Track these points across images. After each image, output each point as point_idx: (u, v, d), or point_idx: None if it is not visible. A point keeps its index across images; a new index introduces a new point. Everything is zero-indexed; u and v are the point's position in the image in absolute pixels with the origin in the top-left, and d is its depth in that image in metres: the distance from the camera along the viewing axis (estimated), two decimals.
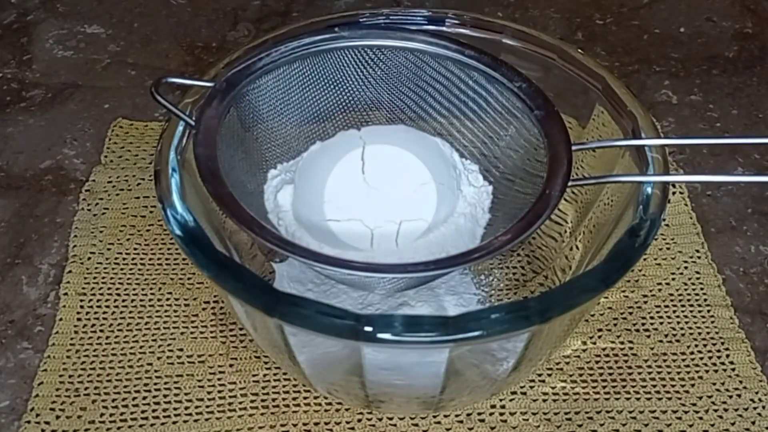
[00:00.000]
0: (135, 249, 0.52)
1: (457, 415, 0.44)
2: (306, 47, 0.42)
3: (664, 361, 0.46)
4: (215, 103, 0.39)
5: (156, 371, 0.45)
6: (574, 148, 0.37)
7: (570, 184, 0.36)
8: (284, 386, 0.45)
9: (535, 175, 0.38)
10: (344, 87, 0.44)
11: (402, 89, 0.44)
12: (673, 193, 0.55)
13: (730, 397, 0.45)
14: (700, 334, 0.48)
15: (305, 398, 0.44)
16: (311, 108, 0.44)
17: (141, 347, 0.46)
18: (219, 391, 0.44)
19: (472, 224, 0.41)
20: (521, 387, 0.45)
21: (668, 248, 0.52)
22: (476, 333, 0.30)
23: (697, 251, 0.52)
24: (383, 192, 0.40)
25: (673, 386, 0.45)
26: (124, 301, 0.49)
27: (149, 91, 0.38)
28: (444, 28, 0.44)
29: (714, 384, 0.45)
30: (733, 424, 0.43)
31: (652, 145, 0.37)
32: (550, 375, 0.45)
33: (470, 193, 0.42)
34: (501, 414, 0.44)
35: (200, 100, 0.40)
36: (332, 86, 0.43)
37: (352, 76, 0.43)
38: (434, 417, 0.43)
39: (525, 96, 0.40)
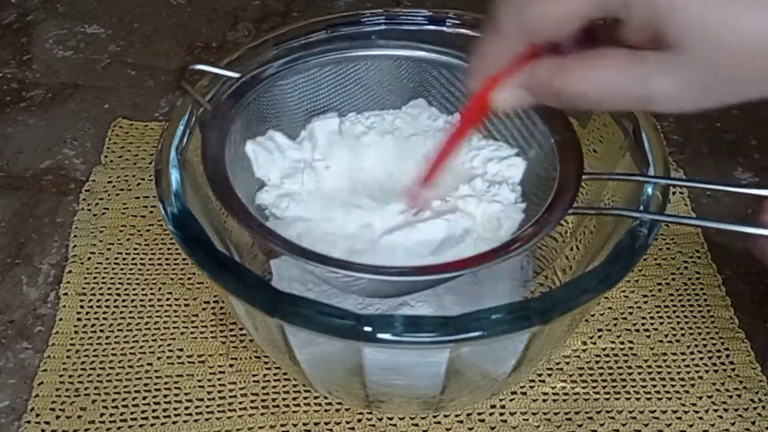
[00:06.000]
0: (135, 249, 0.52)
1: (457, 415, 0.44)
2: (341, 51, 0.42)
3: (664, 361, 0.46)
4: (237, 94, 0.39)
5: (156, 371, 0.45)
6: (584, 177, 0.37)
7: (570, 212, 0.35)
8: (284, 386, 0.45)
9: (539, 195, 0.38)
10: (373, 95, 0.43)
11: (432, 101, 0.43)
12: (673, 193, 0.55)
13: (730, 397, 0.45)
14: (700, 334, 0.48)
15: (305, 398, 0.44)
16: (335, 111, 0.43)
17: (141, 347, 0.46)
18: (219, 391, 0.44)
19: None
20: (521, 387, 0.45)
21: (668, 248, 0.52)
22: (477, 333, 0.30)
23: (697, 251, 0.52)
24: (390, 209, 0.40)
25: (673, 386, 0.45)
26: (124, 301, 0.49)
27: (175, 76, 0.38)
28: (444, 29, 0.44)
29: (714, 384, 0.45)
30: (733, 424, 0.43)
31: (658, 182, 0.37)
32: (550, 375, 0.45)
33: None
34: (501, 414, 0.44)
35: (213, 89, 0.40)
36: (362, 92, 0.43)
37: (382, 84, 0.43)
38: (434, 417, 0.43)
39: (547, 119, 0.39)
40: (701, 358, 0.46)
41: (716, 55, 0.26)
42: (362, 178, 0.41)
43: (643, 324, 0.48)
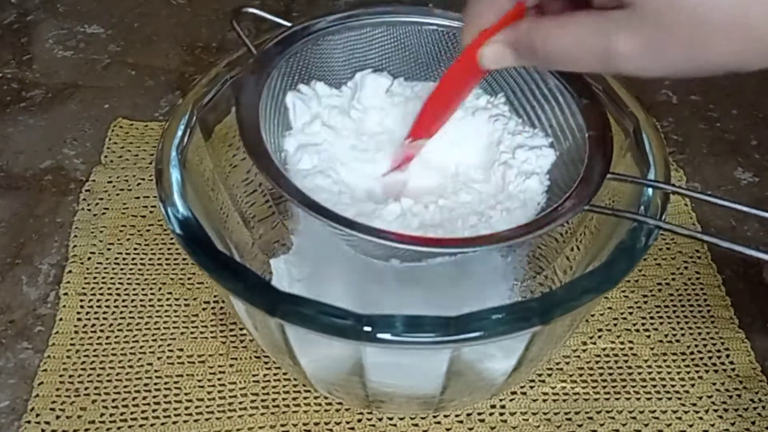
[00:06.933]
0: (135, 249, 0.52)
1: (457, 415, 0.44)
2: (395, 15, 0.42)
3: (664, 361, 0.46)
4: (285, 42, 0.40)
5: (156, 371, 0.45)
6: (608, 177, 0.36)
7: (586, 208, 0.35)
8: (284, 386, 0.45)
9: (560, 187, 0.38)
10: (422, 64, 0.43)
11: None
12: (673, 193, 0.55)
13: (730, 397, 0.45)
14: (700, 334, 0.48)
15: (305, 398, 0.44)
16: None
17: (141, 347, 0.46)
18: (219, 391, 0.44)
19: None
20: (521, 387, 0.45)
21: (668, 248, 0.52)
22: (477, 333, 0.30)
23: (697, 251, 0.52)
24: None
25: (673, 386, 0.45)
26: (124, 301, 0.49)
27: (229, 21, 0.39)
28: None
29: (714, 384, 0.45)
30: (733, 424, 0.43)
31: (671, 190, 0.36)
32: (550, 375, 0.45)
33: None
34: (501, 414, 0.44)
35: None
36: (411, 59, 0.43)
37: (432, 54, 0.43)
38: (434, 417, 0.43)
39: (586, 114, 0.38)
40: (701, 358, 0.46)
41: (666, 13, 0.26)
42: (390, 140, 0.41)
43: (643, 324, 0.48)
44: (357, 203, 0.37)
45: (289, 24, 0.40)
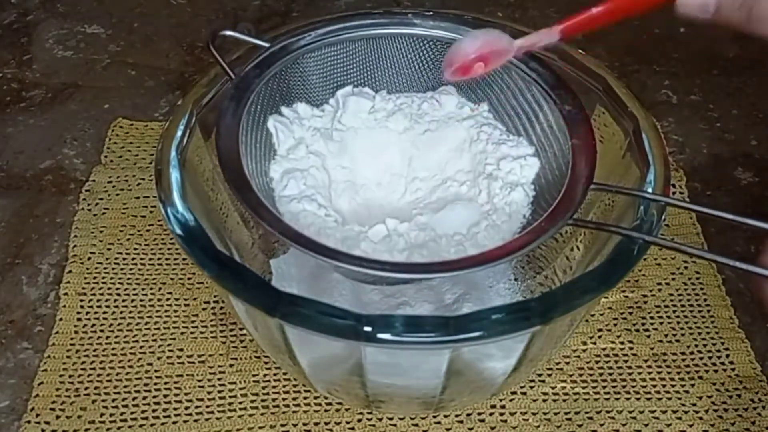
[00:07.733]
0: (135, 249, 0.52)
1: (457, 415, 0.44)
2: (374, 28, 0.41)
3: (664, 361, 0.46)
4: (264, 63, 0.39)
5: (156, 371, 0.45)
6: (592, 187, 0.36)
7: (569, 222, 0.35)
8: (284, 386, 0.45)
9: (545, 198, 0.38)
10: (404, 76, 0.43)
11: (460, 88, 0.43)
12: (674, 193, 0.55)
13: (730, 397, 0.45)
14: (700, 334, 0.48)
15: (305, 398, 0.44)
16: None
17: (141, 347, 0.46)
18: (219, 391, 0.44)
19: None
20: (521, 387, 0.45)
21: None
22: (477, 333, 0.30)
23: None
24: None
25: (673, 386, 0.45)
26: (124, 301, 0.49)
27: (206, 43, 0.39)
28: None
29: (714, 384, 0.45)
30: (733, 424, 0.43)
31: (662, 201, 0.36)
32: (550, 375, 0.45)
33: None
34: (501, 414, 0.44)
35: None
36: (392, 72, 0.43)
37: (413, 66, 0.43)
38: (434, 417, 0.43)
39: (570, 122, 0.38)
40: (701, 358, 0.46)
41: None
42: (373, 163, 0.41)
43: (643, 324, 0.48)
44: (343, 227, 0.37)
45: (266, 44, 0.40)
